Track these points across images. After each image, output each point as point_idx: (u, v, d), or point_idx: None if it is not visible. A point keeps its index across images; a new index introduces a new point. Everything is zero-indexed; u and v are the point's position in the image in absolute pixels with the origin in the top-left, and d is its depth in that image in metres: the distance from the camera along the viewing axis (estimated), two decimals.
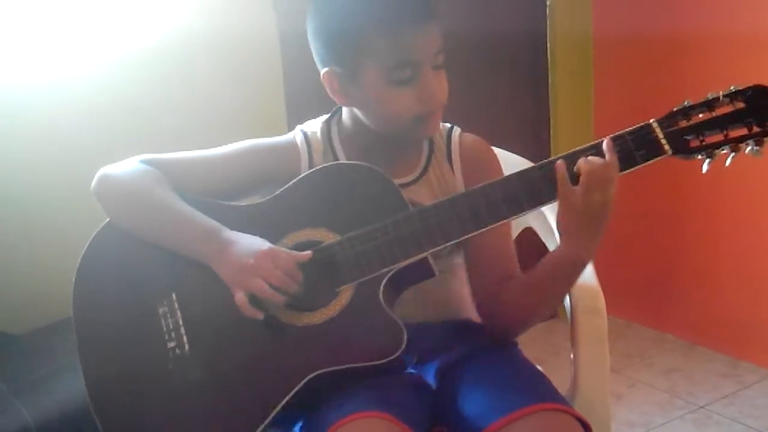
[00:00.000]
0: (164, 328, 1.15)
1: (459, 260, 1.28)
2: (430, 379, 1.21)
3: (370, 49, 1.12)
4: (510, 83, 2.78)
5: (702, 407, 2.34)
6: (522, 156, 1.48)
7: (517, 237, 1.42)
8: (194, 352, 1.13)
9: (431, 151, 1.27)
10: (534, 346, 1.32)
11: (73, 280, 1.19)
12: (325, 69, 1.18)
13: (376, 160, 1.20)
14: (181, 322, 1.15)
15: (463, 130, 1.31)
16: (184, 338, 1.14)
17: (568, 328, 1.34)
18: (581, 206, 1.08)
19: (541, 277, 1.17)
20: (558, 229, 1.13)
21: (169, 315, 1.15)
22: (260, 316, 1.11)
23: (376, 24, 1.11)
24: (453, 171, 1.27)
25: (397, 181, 1.21)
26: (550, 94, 2.82)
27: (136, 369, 1.15)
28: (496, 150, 1.34)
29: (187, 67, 2.08)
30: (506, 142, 1.49)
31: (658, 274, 2.80)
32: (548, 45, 2.77)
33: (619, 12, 2.77)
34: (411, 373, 1.21)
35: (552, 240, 1.44)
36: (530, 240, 1.52)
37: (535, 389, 1.15)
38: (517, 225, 1.48)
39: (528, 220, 1.52)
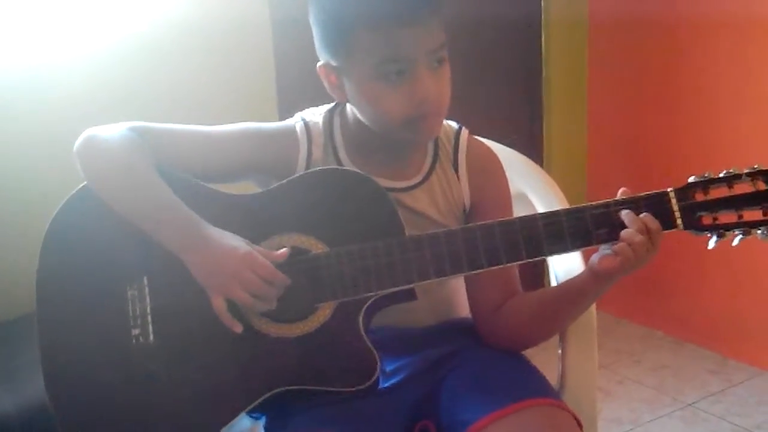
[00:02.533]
0: (130, 313, 1.08)
1: None
2: (415, 378, 1.18)
3: (358, 44, 1.06)
4: (503, 69, 2.76)
5: (690, 405, 2.34)
6: (514, 141, 1.44)
7: None
8: (158, 344, 1.08)
9: (436, 155, 1.20)
10: None
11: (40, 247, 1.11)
12: (321, 62, 1.13)
13: (377, 160, 1.16)
14: (148, 310, 1.08)
15: (455, 117, 1.23)
16: (150, 327, 1.08)
17: None
18: (637, 260, 1.06)
19: (556, 304, 1.15)
20: (600, 273, 1.08)
21: (137, 300, 1.09)
22: (238, 329, 1.06)
23: (363, 18, 1.05)
24: (459, 179, 1.20)
25: (397, 184, 1.17)
26: (543, 80, 2.80)
27: (95, 353, 1.09)
28: (489, 142, 1.31)
29: (178, 53, 2.06)
30: (498, 129, 1.46)
31: (647, 271, 2.77)
32: (542, 30, 2.76)
33: None
34: (383, 388, 1.15)
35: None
36: None
37: (530, 384, 1.13)
38: None
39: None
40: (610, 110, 2.85)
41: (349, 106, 1.17)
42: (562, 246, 1.07)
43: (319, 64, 1.14)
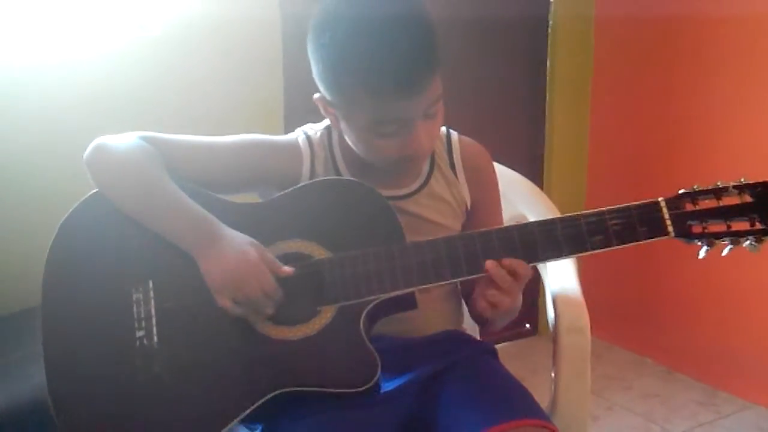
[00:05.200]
0: (135, 316, 1.11)
1: None
2: (409, 391, 1.19)
3: (356, 100, 1.09)
4: (508, 66, 2.79)
5: None
6: (516, 141, 1.46)
7: None
8: (161, 346, 1.10)
9: (432, 159, 1.25)
10: (513, 363, 1.31)
11: (48, 247, 1.14)
12: (318, 94, 1.16)
13: (376, 171, 1.19)
14: (153, 312, 1.11)
15: (459, 114, 1.29)
16: (154, 329, 1.10)
17: (548, 346, 1.34)
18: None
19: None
20: (483, 312, 1.14)
21: (142, 302, 1.11)
22: (244, 317, 1.08)
23: (362, 85, 1.07)
24: (457, 178, 1.26)
25: (397, 192, 1.20)
26: (548, 78, 2.83)
27: (99, 353, 1.10)
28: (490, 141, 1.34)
29: (186, 59, 2.07)
30: (501, 127, 1.48)
31: (640, 298, 2.80)
32: (549, 29, 2.79)
33: None
34: (383, 392, 1.17)
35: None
36: None
37: (520, 404, 1.14)
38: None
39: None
40: (612, 117, 2.86)
41: None
42: (557, 252, 1.10)
43: (316, 95, 1.16)
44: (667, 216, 1.09)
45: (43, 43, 1.90)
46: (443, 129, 1.27)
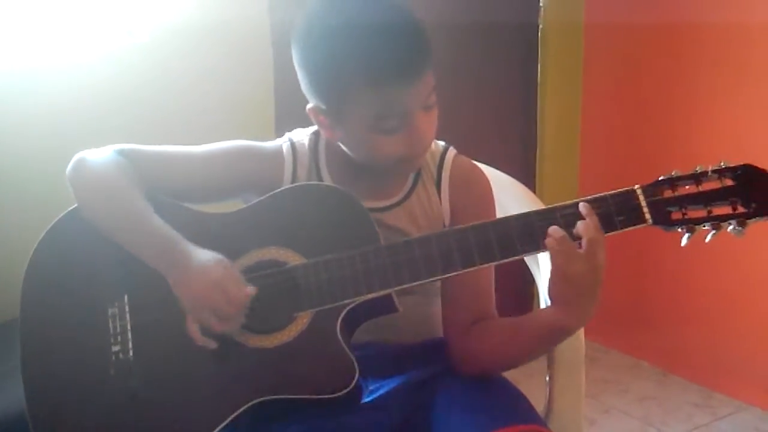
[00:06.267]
0: (111, 330, 1.11)
1: (438, 282, 1.24)
2: (400, 397, 1.17)
3: (354, 97, 1.07)
4: (500, 71, 2.79)
5: None
6: (508, 145, 1.45)
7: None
8: (137, 360, 1.10)
9: (418, 174, 1.22)
10: None
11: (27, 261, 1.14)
12: (311, 105, 1.14)
13: (360, 180, 1.17)
14: (129, 327, 1.11)
15: (450, 118, 1.24)
16: (130, 344, 1.10)
17: None
18: (580, 274, 1.02)
19: (527, 334, 1.13)
20: (550, 298, 1.07)
21: (118, 317, 1.11)
22: (213, 345, 1.07)
23: (359, 78, 1.05)
24: (440, 198, 1.22)
25: (377, 204, 1.18)
26: (539, 83, 2.84)
27: (75, 368, 1.11)
28: (483, 166, 1.31)
29: (176, 65, 2.07)
30: (493, 131, 1.47)
31: (635, 302, 2.80)
32: (539, 34, 2.80)
33: (611, 3, 2.80)
34: (373, 397, 1.17)
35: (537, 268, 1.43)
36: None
37: (516, 409, 1.13)
38: None
39: None
40: (603, 120, 2.88)
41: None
42: (534, 245, 1.07)
43: (308, 106, 1.15)
44: (644, 203, 1.05)
45: (31, 50, 1.89)
46: (442, 144, 1.25)
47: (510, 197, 1.41)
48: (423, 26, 1.09)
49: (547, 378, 1.31)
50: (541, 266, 1.38)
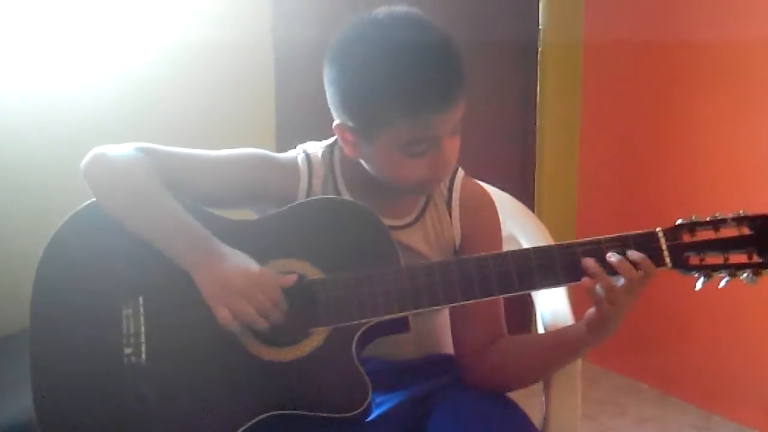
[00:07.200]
0: (124, 332, 1.08)
1: None
2: (401, 412, 1.18)
3: (389, 122, 1.07)
4: (499, 91, 2.81)
5: None
6: (505, 164, 1.45)
7: None
8: (149, 364, 1.08)
9: (430, 195, 1.23)
10: None
11: (39, 258, 1.11)
12: (338, 121, 1.13)
13: (374, 197, 1.17)
14: (142, 329, 1.08)
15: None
16: (143, 347, 1.08)
17: None
18: (615, 308, 1.06)
19: (554, 350, 1.16)
20: (587, 326, 1.10)
21: (132, 319, 1.09)
22: (239, 330, 1.06)
23: (399, 102, 1.05)
24: (451, 218, 1.22)
25: (391, 223, 1.18)
26: (538, 102, 2.85)
27: (86, 369, 1.08)
28: (483, 185, 1.32)
29: (181, 82, 2.09)
30: (492, 149, 1.47)
31: (634, 322, 2.78)
32: (538, 54, 2.83)
33: (610, 21, 2.82)
34: (376, 413, 1.16)
35: None
36: None
37: (515, 426, 1.13)
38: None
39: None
40: (602, 139, 2.89)
41: None
42: (554, 280, 1.08)
43: (335, 123, 1.14)
44: (664, 247, 1.06)
45: (40, 68, 1.91)
46: None
47: (509, 216, 1.42)
48: (461, 52, 1.10)
49: (543, 398, 1.31)
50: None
